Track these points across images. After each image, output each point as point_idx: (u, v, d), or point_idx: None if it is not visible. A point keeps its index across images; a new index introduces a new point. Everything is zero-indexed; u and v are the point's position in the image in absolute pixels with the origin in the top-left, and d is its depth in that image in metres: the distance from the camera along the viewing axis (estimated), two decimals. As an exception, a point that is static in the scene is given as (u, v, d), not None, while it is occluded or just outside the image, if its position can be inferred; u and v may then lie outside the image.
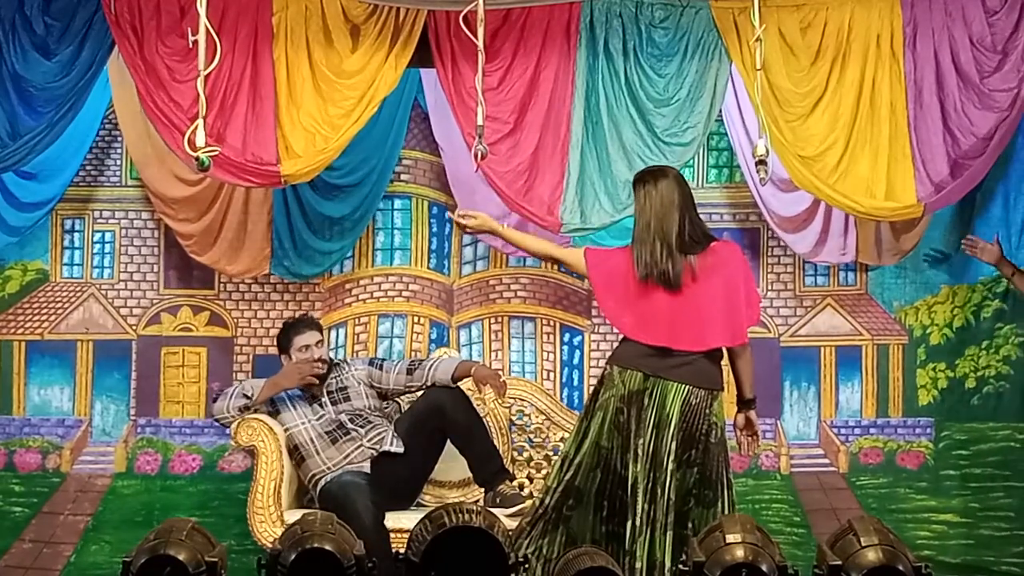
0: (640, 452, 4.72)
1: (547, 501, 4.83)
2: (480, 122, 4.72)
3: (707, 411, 4.78)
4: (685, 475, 4.77)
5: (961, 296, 6.23)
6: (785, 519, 6.20)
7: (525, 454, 5.93)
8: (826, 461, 6.28)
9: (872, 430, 6.27)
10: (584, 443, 4.82)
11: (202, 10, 4.35)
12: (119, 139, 6.15)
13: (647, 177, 4.90)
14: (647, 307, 4.78)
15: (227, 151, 5.28)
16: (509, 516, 5.06)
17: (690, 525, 4.73)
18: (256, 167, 5.35)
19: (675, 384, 4.75)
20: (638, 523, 4.69)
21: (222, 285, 6.25)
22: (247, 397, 5.44)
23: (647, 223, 4.80)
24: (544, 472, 5.74)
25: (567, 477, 4.82)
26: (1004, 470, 6.16)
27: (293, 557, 3.86)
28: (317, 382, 5.56)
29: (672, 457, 4.71)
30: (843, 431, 6.28)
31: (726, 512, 4.75)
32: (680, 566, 3.97)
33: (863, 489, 6.23)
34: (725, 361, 4.94)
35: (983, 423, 6.20)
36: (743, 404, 5.02)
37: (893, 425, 6.26)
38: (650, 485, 4.71)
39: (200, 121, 4.45)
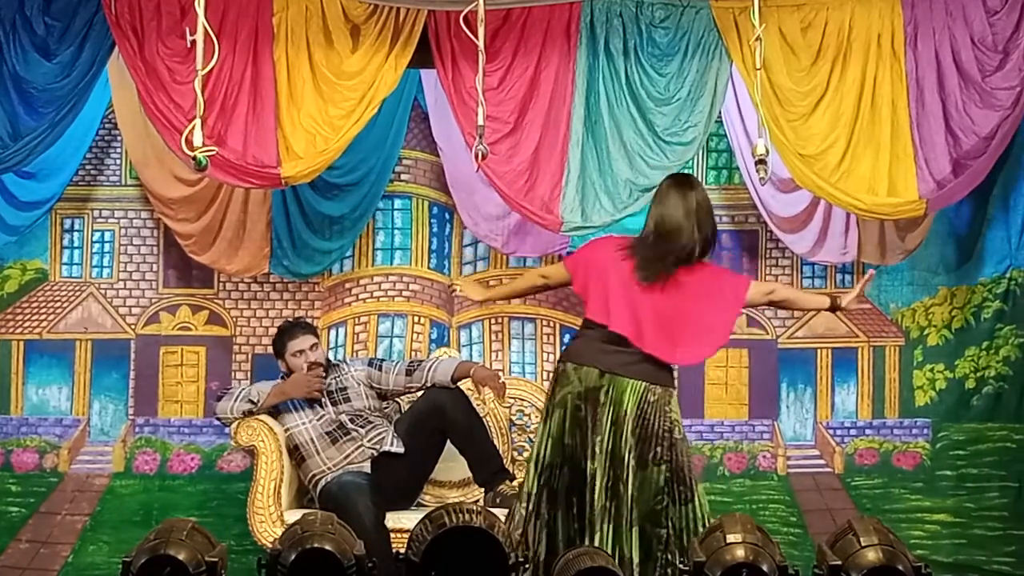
0: (598, 450, 4.71)
1: (528, 507, 4.80)
2: (480, 122, 4.72)
3: (666, 408, 4.76)
4: (653, 473, 4.73)
5: (960, 297, 6.24)
6: (782, 519, 6.21)
7: (525, 454, 5.93)
8: (822, 462, 6.29)
9: (868, 431, 6.28)
10: (548, 442, 4.81)
11: (200, 9, 4.34)
12: (119, 139, 6.15)
13: (685, 181, 4.87)
14: (626, 298, 4.74)
15: (228, 153, 5.28)
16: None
17: (669, 524, 4.72)
18: (257, 169, 5.34)
19: (631, 381, 4.73)
20: (596, 520, 4.66)
21: (221, 284, 6.25)
22: (252, 402, 5.43)
23: (676, 226, 4.75)
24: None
25: (542, 480, 4.80)
26: (1000, 470, 6.18)
27: (293, 557, 3.87)
28: (321, 396, 5.56)
29: (633, 454, 4.70)
30: (839, 432, 6.29)
31: (701, 509, 4.75)
32: (680, 566, 3.98)
33: (858, 490, 6.24)
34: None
35: (982, 424, 6.21)
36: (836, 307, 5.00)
37: (889, 426, 6.28)
38: (610, 483, 4.69)
39: (198, 120, 4.43)
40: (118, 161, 6.25)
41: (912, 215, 5.60)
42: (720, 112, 5.75)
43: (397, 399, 5.72)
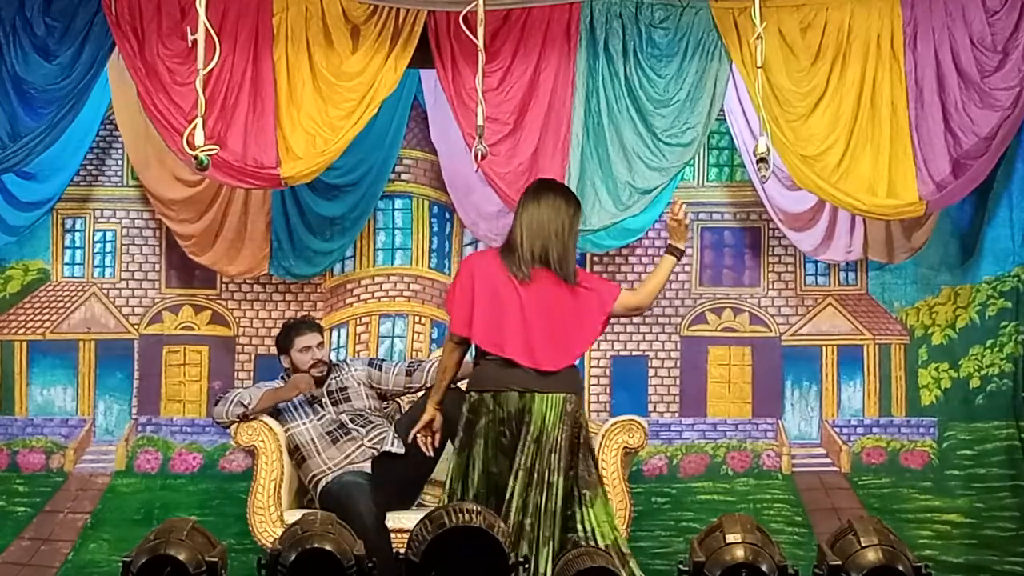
0: (519, 468, 4.68)
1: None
2: (480, 122, 4.72)
3: (577, 414, 4.77)
4: (568, 482, 4.72)
5: (964, 296, 6.22)
6: (786, 519, 6.19)
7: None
8: (828, 461, 6.27)
9: (875, 430, 6.26)
10: (471, 475, 4.76)
11: (201, 9, 4.34)
12: (120, 139, 6.16)
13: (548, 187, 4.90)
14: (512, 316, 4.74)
15: (227, 154, 5.28)
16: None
17: (579, 528, 4.69)
18: (256, 170, 5.34)
19: (551, 395, 4.72)
20: (514, 537, 4.58)
21: (224, 284, 6.26)
22: (244, 406, 5.44)
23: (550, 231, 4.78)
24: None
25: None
26: (1009, 469, 6.17)
27: (293, 557, 3.88)
28: (316, 393, 5.56)
29: (551, 468, 4.68)
30: (845, 431, 6.27)
31: (604, 506, 4.73)
32: (680, 566, 3.97)
33: (866, 489, 6.23)
34: None
35: (987, 422, 6.20)
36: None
37: (896, 425, 6.26)
38: (528, 500, 4.65)
39: (199, 120, 4.44)
40: (119, 161, 6.26)
41: (912, 215, 5.60)
42: (723, 110, 5.74)
43: (397, 399, 5.73)
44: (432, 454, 5.15)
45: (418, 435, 5.05)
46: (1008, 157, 5.87)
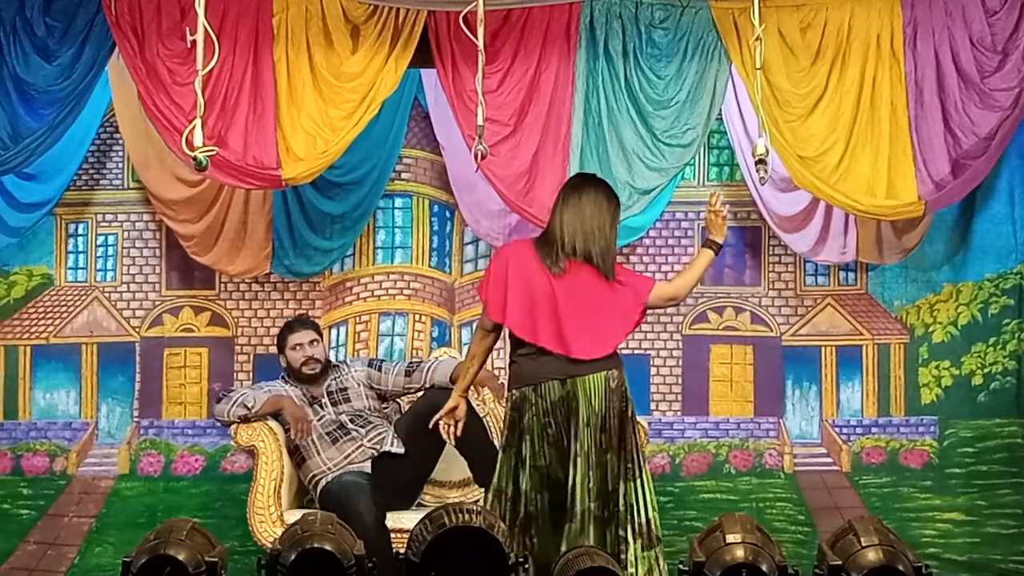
0: (576, 455, 4.68)
1: (514, 546, 4.67)
2: (480, 122, 4.72)
3: (622, 389, 4.76)
4: (614, 457, 4.73)
5: (966, 293, 6.22)
6: (789, 517, 6.20)
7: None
8: (829, 460, 6.27)
9: (874, 429, 6.26)
10: (521, 472, 4.76)
11: (200, 9, 4.34)
12: (120, 141, 6.16)
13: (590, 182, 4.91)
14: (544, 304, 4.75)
15: (228, 154, 5.28)
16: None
17: (621, 501, 4.70)
18: (257, 170, 5.34)
19: (592, 376, 4.72)
20: (576, 526, 4.63)
21: (223, 285, 6.26)
22: (247, 408, 5.45)
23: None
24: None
25: (518, 514, 4.75)
26: (1011, 467, 6.16)
27: (293, 557, 3.88)
28: (316, 393, 5.56)
29: (610, 447, 4.69)
30: (845, 430, 6.27)
31: (649, 481, 4.75)
32: (680, 566, 3.97)
33: (866, 488, 6.22)
34: None
35: (989, 420, 6.20)
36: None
37: (896, 424, 6.25)
38: (592, 485, 4.67)
39: (198, 120, 4.42)
40: (120, 164, 6.26)
41: (911, 216, 5.59)
42: (720, 111, 5.75)
43: (397, 399, 5.73)
44: (453, 443, 5.10)
45: (440, 422, 4.95)
46: (1009, 154, 5.86)
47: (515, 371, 4.83)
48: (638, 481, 4.74)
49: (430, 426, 4.99)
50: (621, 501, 4.70)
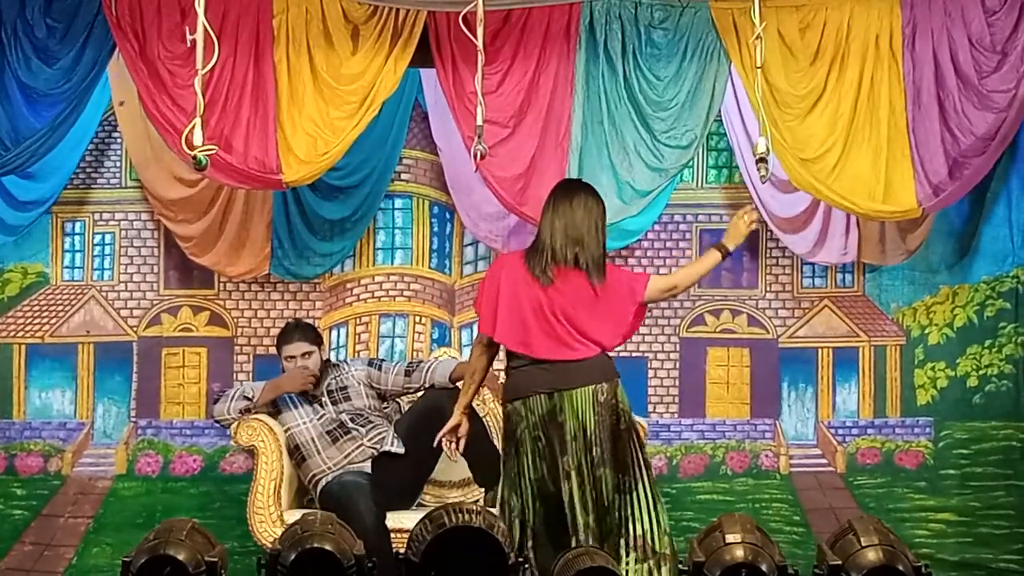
0: (569, 469, 4.68)
1: (525, 554, 4.70)
2: (479, 121, 4.72)
3: (613, 402, 4.74)
4: (608, 472, 4.72)
5: (963, 296, 6.23)
6: (785, 518, 6.21)
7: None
8: (824, 461, 6.29)
9: (870, 430, 6.28)
10: (521, 482, 4.76)
11: (200, 9, 4.33)
12: (118, 140, 6.15)
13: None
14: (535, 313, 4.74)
15: (231, 156, 5.27)
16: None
17: (616, 515, 4.70)
18: (259, 172, 5.33)
19: (579, 390, 4.71)
20: (581, 539, 4.62)
21: (222, 285, 6.24)
22: (248, 399, 5.45)
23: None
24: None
25: (524, 523, 4.76)
26: (1005, 469, 6.18)
27: (293, 557, 3.89)
28: (315, 393, 5.56)
29: (601, 462, 4.68)
30: (840, 432, 6.29)
31: (648, 494, 4.73)
32: (680, 566, 3.97)
33: (861, 489, 6.24)
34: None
35: (984, 422, 6.21)
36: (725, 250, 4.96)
37: (891, 425, 6.27)
38: (587, 498, 4.67)
39: (198, 120, 4.41)
40: (118, 163, 6.25)
41: (909, 216, 5.60)
42: (720, 112, 5.75)
43: (397, 399, 5.73)
44: (456, 460, 5.12)
45: (443, 440, 4.97)
46: (1007, 156, 5.87)
47: (508, 384, 4.83)
48: (634, 494, 4.72)
49: (434, 444, 5.01)
50: (616, 515, 4.70)
